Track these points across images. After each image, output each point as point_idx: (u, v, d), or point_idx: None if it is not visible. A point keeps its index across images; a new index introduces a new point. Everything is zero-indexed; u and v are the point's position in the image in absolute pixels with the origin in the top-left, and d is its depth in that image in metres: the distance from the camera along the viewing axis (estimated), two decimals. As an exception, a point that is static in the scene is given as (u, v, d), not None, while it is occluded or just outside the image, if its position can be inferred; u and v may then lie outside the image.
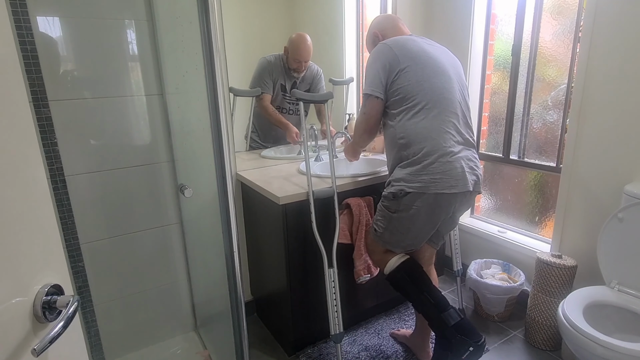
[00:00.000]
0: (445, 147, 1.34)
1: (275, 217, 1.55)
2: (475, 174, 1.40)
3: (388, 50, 1.39)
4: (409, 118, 1.37)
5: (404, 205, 1.39)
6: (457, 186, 1.34)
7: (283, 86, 2.17)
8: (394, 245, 1.48)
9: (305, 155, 1.49)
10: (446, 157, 1.33)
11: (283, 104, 2.21)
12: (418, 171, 1.35)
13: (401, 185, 1.37)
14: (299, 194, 1.49)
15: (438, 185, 1.33)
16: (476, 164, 1.41)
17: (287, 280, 1.56)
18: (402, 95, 1.37)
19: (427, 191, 1.34)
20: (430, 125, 1.35)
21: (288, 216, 1.49)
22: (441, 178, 1.33)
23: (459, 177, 1.34)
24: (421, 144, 1.35)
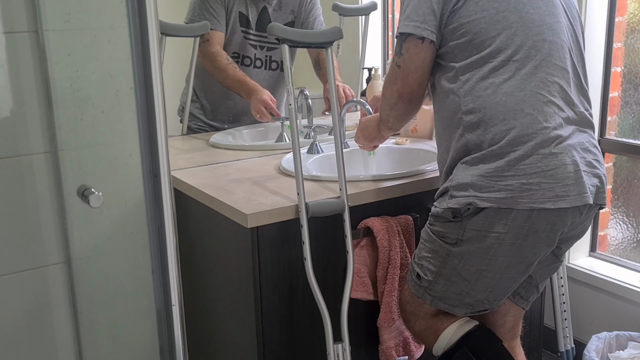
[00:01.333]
0: (548, 129, 1.42)
1: (239, 250, 1.63)
2: (597, 174, 1.49)
3: None
4: (483, 77, 1.45)
5: (474, 232, 1.46)
6: (568, 197, 1.41)
7: (244, 17, 2.28)
8: (453, 304, 1.56)
9: (293, 142, 1.59)
10: (549, 146, 1.41)
11: (245, 49, 2.31)
12: (500, 171, 1.42)
13: (469, 197, 1.45)
14: (282, 210, 1.58)
15: (535, 196, 1.40)
16: (597, 158, 1.51)
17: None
18: (471, 36, 1.45)
19: (516, 206, 1.41)
20: (521, 91, 1.43)
21: (262, 248, 1.58)
22: (540, 182, 1.41)
23: (570, 181, 1.42)
24: (506, 122, 1.42)
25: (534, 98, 1.42)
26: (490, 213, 1.43)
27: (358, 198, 1.69)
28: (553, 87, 1.44)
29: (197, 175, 1.89)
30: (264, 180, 1.82)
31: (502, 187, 1.41)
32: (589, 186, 1.44)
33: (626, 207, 2.33)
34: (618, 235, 2.37)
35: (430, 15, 1.46)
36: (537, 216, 1.41)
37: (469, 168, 1.45)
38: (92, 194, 1.21)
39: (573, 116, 1.47)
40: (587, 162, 1.46)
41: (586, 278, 2.34)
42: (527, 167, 1.40)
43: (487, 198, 1.42)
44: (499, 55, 1.43)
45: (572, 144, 1.44)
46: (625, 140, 2.27)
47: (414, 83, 1.53)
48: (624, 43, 2.25)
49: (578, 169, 1.42)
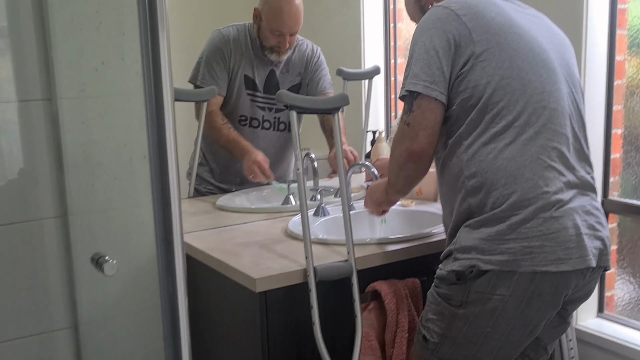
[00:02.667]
0: (548, 193, 1.44)
1: (247, 315, 1.63)
2: (600, 237, 1.50)
3: (453, 19, 1.50)
4: (486, 142, 1.47)
5: (478, 294, 1.47)
6: (570, 260, 1.43)
7: (250, 80, 2.33)
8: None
9: (301, 206, 1.61)
10: (550, 209, 1.44)
11: (252, 111, 2.36)
12: (502, 234, 1.44)
13: (472, 259, 1.46)
14: (290, 274, 1.59)
15: (537, 258, 1.42)
16: (600, 220, 1.52)
17: None
18: (475, 101, 1.48)
19: (519, 268, 1.43)
20: (522, 156, 1.45)
21: (270, 313, 1.58)
22: (542, 246, 1.42)
23: (572, 244, 1.44)
24: (507, 187, 1.45)
25: (535, 163, 1.45)
26: (494, 275, 1.44)
27: (365, 261, 1.69)
28: (553, 152, 1.47)
29: (205, 238, 1.90)
30: (272, 244, 1.83)
31: (505, 250, 1.42)
32: (591, 249, 1.46)
33: (632, 267, 2.33)
34: (625, 296, 2.36)
35: (440, 76, 1.48)
36: (541, 279, 1.42)
37: (471, 231, 1.47)
38: (107, 262, 1.23)
39: (574, 180, 1.49)
40: (589, 225, 1.48)
41: (595, 340, 2.31)
42: (528, 231, 1.42)
43: (490, 260, 1.43)
44: (502, 121, 1.46)
45: (574, 207, 1.46)
46: (629, 201, 2.28)
47: (425, 141, 1.51)
48: (623, 106, 2.29)
49: (579, 232, 1.44)
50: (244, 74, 2.31)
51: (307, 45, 2.42)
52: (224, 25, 2.33)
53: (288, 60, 2.37)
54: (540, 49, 1.52)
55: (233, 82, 2.31)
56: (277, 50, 2.29)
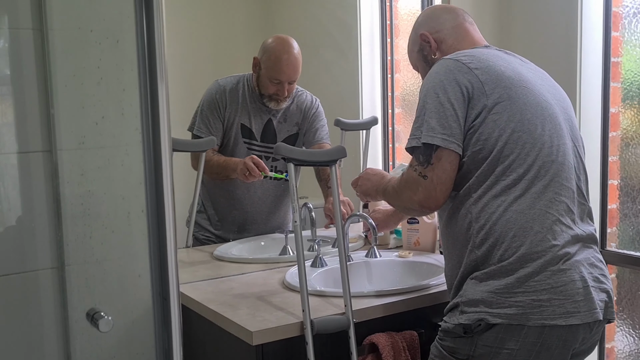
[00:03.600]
0: (557, 247, 1.45)
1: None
2: (605, 289, 1.51)
3: (465, 71, 1.51)
4: (496, 195, 1.48)
5: (486, 348, 1.45)
6: (579, 313, 1.43)
7: (246, 128, 2.36)
8: None
9: (298, 259, 1.61)
10: (557, 263, 1.44)
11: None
12: (511, 287, 1.44)
13: (481, 313, 1.45)
14: (287, 327, 1.58)
15: (546, 312, 1.42)
16: (604, 273, 1.53)
17: None
18: (486, 153, 1.49)
19: (527, 322, 1.42)
20: (531, 209, 1.46)
21: (267, 367, 1.57)
22: (550, 299, 1.42)
23: (580, 297, 1.44)
24: (516, 240, 1.45)
25: (543, 217, 1.46)
26: (502, 329, 1.43)
27: (363, 314, 1.68)
28: (561, 206, 1.48)
29: (202, 289, 1.89)
30: (268, 295, 1.82)
31: (513, 303, 1.42)
32: (597, 301, 1.46)
33: (632, 319, 2.32)
34: (625, 348, 2.34)
35: (457, 128, 1.48)
36: (549, 332, 1.42)
37: (479, 284, 1.47)
38: (102, 318, 1.22)
39: (580, 233, 1.50)
40: (595, 278, 1.48)
41: (596, 393, 2.30)
42: (536, 284, 1.43)
43: (499, 314, 1.43)
44: (512, 174, 1.47)
45: (580, 260, 1.47)
46: (627, 252, 2.28)
47: (442, 196, 1.50)
48: (619, 157, 2.31)
49: (587, 284, 1.45)
50: (241, 123, 2.34)
51: (306, 96, 2.45)
52: (224, 75, 2.38)
53: (286, 110, 2.40)
54: (546, 104, 1.54)
55: (229, 131, 2.34)
56: (275, 98, 2.32)
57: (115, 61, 1.27)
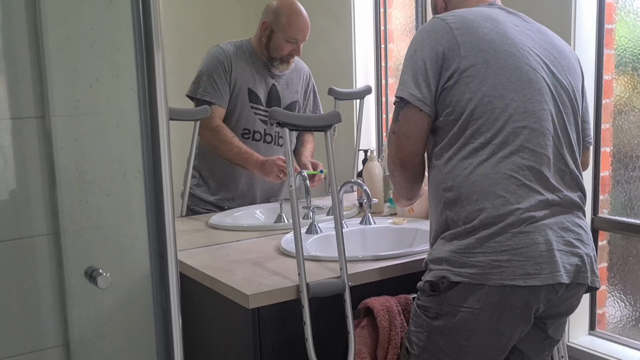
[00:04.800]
0: (520, 210, 1.46)
1: (240, 332, 1.63)
2: (579, 254, 1.51)
3: (446, 31, 1.53)
4: (464, 157, 1.51)
5: (450, 306, 1.50)
6: (540, 275, 1.45)
7: (253, 93, 2.36)
8: None
9: (294, 223, 1.62)
10: (520, 225, 1.46)
11: (255, 124, 2.38)
12: (471, 247, 1.47)
13: (443, 270, 1.50)
14: (283, 290, 1.60)
15: (505, 272, 1.44)
16: (580, 237, 1.53)
17: None
18: (457, 115, 1.52)
19: (487, 282, 1.45)
20: (495, 173, 1.48)
21: (263, 329, 1.58)
22: (510, 260, 1.45)
23: (542, 260, 1.45)
24: (479, 203, 1.48)
25: (508, 181, 1.47)
26: (465, 288, 1.47)
27: (358, 278, 1.70)
28: (529, 171, 1.49)
29: (197, 256, 1.90)
30: (264, 261, 1.83)
31: (473, 263, 1.46)
32: (564, 265, 1.47)
33: (623, 284, 2.34)
34: (616, 313, 2.37)
35: (426, 87, 1.52)
36: (510, 293, 1.45)
37: (445, 243, 1.51)
38: (100, 275, 1.23)
39: (554, 199, 1.51)
40: (566, 242, 1.49)
41: (586, 357, 2.32)
42: (496, 245, 1.45)
43: (460, 273, 1.47)
44: (480, 138, 1.49)
45: (547, 223, 1.48)
46: (618, 218, 2.31)
47: (407, 150, 1.58)
48: (612, 124, 2.32)
49: (551, 247, 1.46)
50: (247, 87, 2.34)
51: (302, 64, 2.46)
52: (218, 42, 2.37)
53: (288, 76, 2.41)
54: (528, 68, 1.54)
55: (236, 96, 2.33)
56: (287, 60, 2.35)
57: (109, 21, 1.26)
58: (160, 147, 1.06)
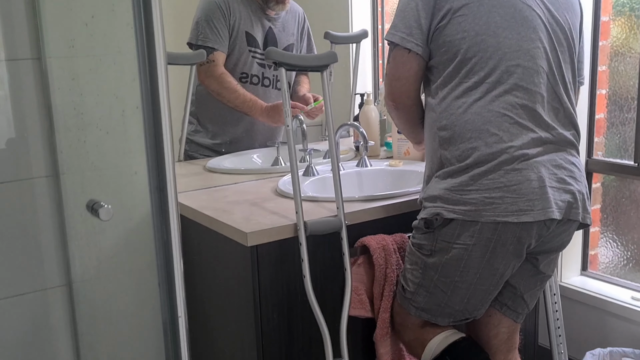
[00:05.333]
0: (513, 148, 1.49)
1: (239, 270, 1.67)
2: (571, 190, 1.54)
3: None
4: (458, 96, 1.53)
5: (444, 243, 1.54)
6: (532, 211, 1.48)
7: (251, 36, 2.35)
8: (435, 314, 1.62)
9: (290, 161, 1.63)
10: (513, 162, 1.48)
11: (252, 68, 2.38)
12: (464, 185, 1.50)
13: (437, 207, 1.53)
14: (281, 228, 1.62)
15: (498, 209, 1.47)
16: (573, 175, 1.55)
17: (260, 385, 1.67)
18: (451, 55, 1.53)
19: (480, 218, 1.48)
20: (488, 112, 1.50)
21: (261, 267, 1.61)
22: (503, 197, 1.48)
23: (535, 196, 1.48)
24: (472, 141, 1.50)
25: (501, 119, 1.49)
26: (458, 225, 1.50)
27: (354, 217, 1.72)
28: (522, 109, 1.50)
29: (196, 198, 1.92)
30: (262, 202, 1.85)
31: (467, 200, 1.49)
32: (556, 201, 1.50)
33: (615, 225, 2.38)
34: (608, 253, 2.42)
35: (417, 28, 1.54)
36: (503, 229, 1.48)
37: (439, 182, 1.54)
38: (102, 207, 1.25)
39: (547, 137, 1.52)
40: (559, 179, 1.52)
41: (578, 296, 2.38)
42: (490, 182, 1.48)
43: (453, 210, 1.50)
44: (474, 77, 1.51)
45: (540, 160, 1.50)
46: (612, 160, 2.33)
47: (397, 91, 1.61)
48: (608, 66, 2.32)
49: (544, 184, 1.48)
50: (245, 31, 2.32)
51: (297, 7, 2.45)
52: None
53: (283, 19, 2.40)
54: (523, 5, 1.54)
55: (234, 39, 2.32)
56: (283, 0, 2.31)
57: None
58: (158, 79, 1.06)
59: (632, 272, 2.35)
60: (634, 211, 2.31)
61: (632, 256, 2.35)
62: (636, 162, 2.22)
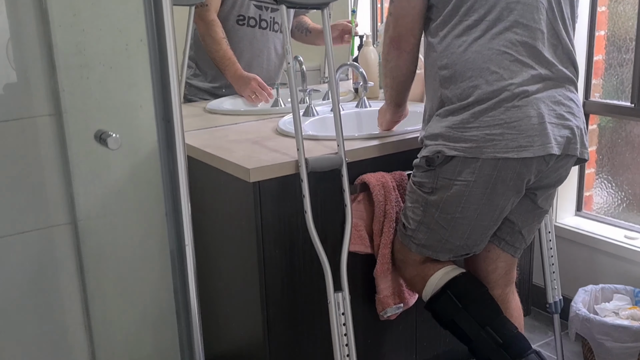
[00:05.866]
0: (513, 85, 1.50)
1: (242, 205, 1.69)
2: (569, 126, 1.56)
3: None
4: (458, 35, 1.54)
5: (445, 180, 1.57)
6: (532, 147, 1.50)
7: None
8: (435, 250, 1.67)
9: (292, 99, 1.64)
10: (513, 100, 1.50)
11: (249, 10, 2.35)
12: (465, 122, 1.52)
13: (439, 145, 1.55)
14: (283, 165, 1.65)
15: (498, 145, 1.50)
16: (571, 110, 1.57)
17: (263, 319, 1.71)
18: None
19: (481, 155, 1.51)
20: (488, 50, 1.51)
21: (264, 203, 1.64)
22: (503, 133, 1.50)
23: (534, 132, 1.50)
24: (473, 79, 1.52)
25: (501, 57, 1.50)
26: (459, 162, 1.53)
27: (354, 154, 1.75)
28: (522, 46, 1.51)
29: (197, 137, 1.94)
30: (263, 141, 1.87)
31: (468, 137, 1.51)
32: (555, 137, 1.52)
33: (610, 166, 2.41)
34: (603, 193, 2.46)
35: None
36: (503, 165, 1.51)
37: (440, 120, 1.56)
38: (110, 136, 1.26)
39: (547, 74, 1.54)
40: (558, 115, 1.54)
41: (572, 236, 2.43)
42: (490, 119, 1.50)
43: (454, 147, 1.52)
44: (474, 15, 1.52)
45: (540, 97, 1.52)
46: (610, 101, 2.35)
47: (403, 28, 1.62)
48: (607, 7, 2.32)
49: (543, 120, 1.50)
50: None
51: None
52: None
53: None
54: None
55: None
56: None
57: None
58: (163, 8, 1.06)
59: (626, 212, 2.39)
60: (629, 152, 2.34)
61: (626, 196, 2.38)
62: (633, 102, 2.23)
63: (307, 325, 1.78)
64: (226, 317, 1.90)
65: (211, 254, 1.89)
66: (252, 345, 1.79)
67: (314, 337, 1.80)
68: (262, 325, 1.71)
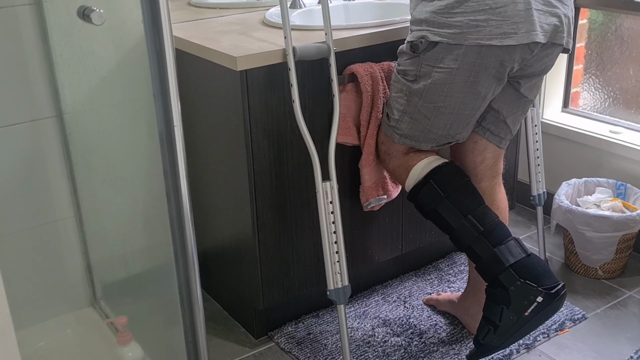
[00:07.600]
0: None
1: (229, 95, 1.68)
2: (556, 14, 1.54)
3: None
4: None
5: (428, 67, 1.56)
6: (517, 34, 1.49)
7: None
8: (418, 140, 1.68)
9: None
10: None
11: None
12: (450, 7, 1.50)
13: (423, 30, 1.54)
14: (270, 53, 1.63)
15: (482, 32, 1.49)
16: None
17: (251, 210, 1.74)
18: None
19: (465, 41, 1.50)
20: None
21: (251, 93, 1.63)
22: (488, 19, 1.49)
23: (520, 19, 1.49)
24: None
25: None
26: (442, 48, 1.53)
27: (343, 43, 1.73)
28: None
29: (182, 29, 1.90)
30: (250, 31, 1.84)
31: (452, 23, 1.50)
32: (542, 24, 1.51)
33: (599, 61, 2.41)
34: (590, 89, 2.46)
35: None
36: (486, 53, 1.51)
37: (426, 4, 1.55)
38: (93, 11, 1.23)
39: None
40: (545, 2, 1.53)
41: (558, 131, 2.45)
42: (476, 4, 1.49)
43: (438, 32, 1.52)
44: None
45: None
46: (598, -8, 2.32)
47: None
48: None
49: (529, 7, 1.49)
50: None
51: None
52: None
53: None
54: None
55: None
56: None
57: None
58: None
59: (612, 107, 2.41)
60: (618, 46, 2.33)
61: (613, 91, 2.39)
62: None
63: (296, 215, 1.81)
64: (215, 209, 1.93)
65: (200, 146, 1.90)
66: (242, 235, 1.82)
67: (302, 228, 1.83)
68: (251, 216, 1.74)
